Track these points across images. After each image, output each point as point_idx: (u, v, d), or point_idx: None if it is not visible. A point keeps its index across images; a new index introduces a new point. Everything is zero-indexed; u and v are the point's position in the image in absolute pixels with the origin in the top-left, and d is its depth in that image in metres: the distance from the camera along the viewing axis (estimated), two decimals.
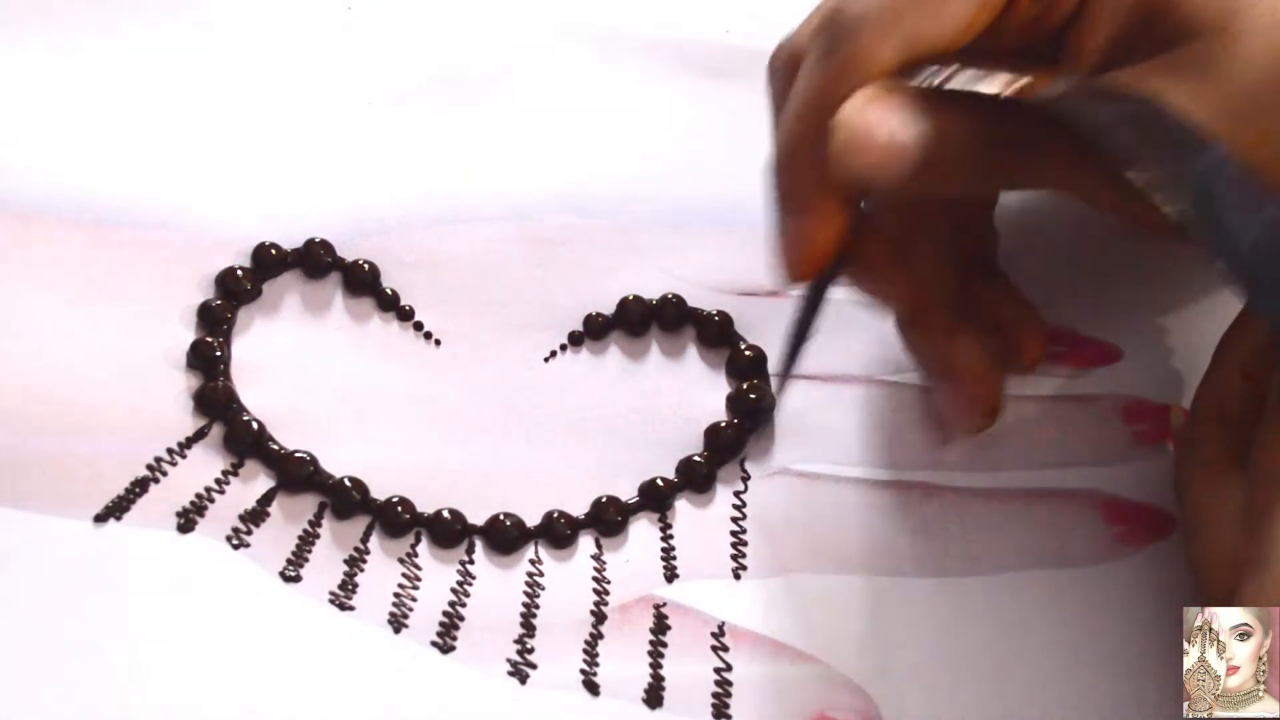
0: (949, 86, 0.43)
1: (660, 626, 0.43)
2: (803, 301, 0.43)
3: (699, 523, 0.45)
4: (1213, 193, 0.36)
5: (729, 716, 0.42)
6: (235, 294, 0.48)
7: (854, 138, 0.38)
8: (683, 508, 0.46)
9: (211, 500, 0.45)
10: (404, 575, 0.44)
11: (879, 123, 0.38)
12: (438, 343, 0.48)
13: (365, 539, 0.45)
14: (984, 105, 0.40)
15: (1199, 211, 0.36)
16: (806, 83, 0.40)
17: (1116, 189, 0.37)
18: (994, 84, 0.45)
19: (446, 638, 0.43)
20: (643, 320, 0.49)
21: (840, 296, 0.49)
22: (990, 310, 0.44)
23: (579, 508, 0.45)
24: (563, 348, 0.48)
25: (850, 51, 0.39)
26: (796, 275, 0.42)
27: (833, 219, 0.41)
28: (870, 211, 0.42)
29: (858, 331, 0.48)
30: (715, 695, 0.42)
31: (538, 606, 0.44)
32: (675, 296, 0.49)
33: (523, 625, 0.43)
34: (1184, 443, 0.43)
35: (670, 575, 0.44)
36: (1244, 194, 0.36)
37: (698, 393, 0.48)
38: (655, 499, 0.46)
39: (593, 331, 0.48)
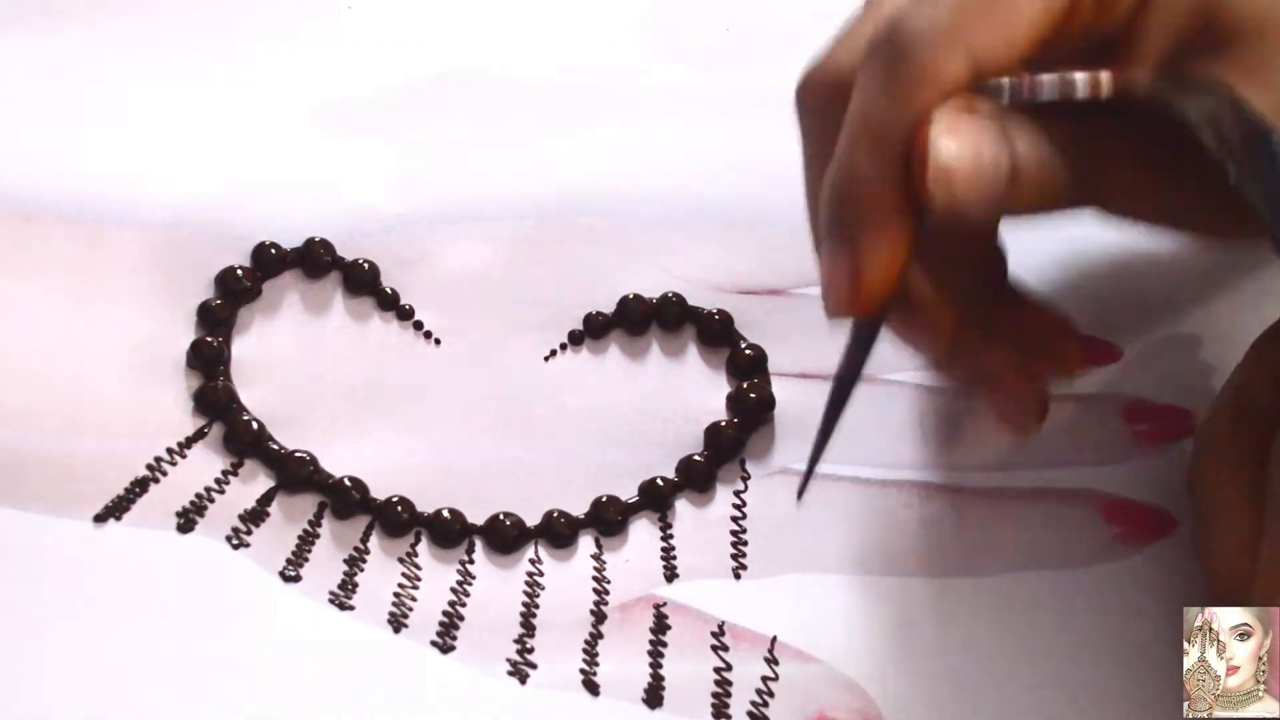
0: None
1: (660, 626, 0.43)
2: (852, 346, 0.40)
3: (699, 522, 0.45)
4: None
5: (729, 716, 0.42)
6: (235, 293, 0.48)
7: (954, 161, 0.36)
8: (683, 507, 0.46)
9: (211, 500, 0.45)
10: (404, 575, 0.44)
11: (975, 144, 0.36)
12: (437, 342, 0.48)
13: (365, 539, 0.45)
14: (1063, 119, 0.38)
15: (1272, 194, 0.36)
16: (867, 104, 0.37)
17: (1189, 194, 0.37)
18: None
19: (446, 637, 0.43)
20: (643, 319, 0.49)
21: None
22: (1020, 327, 0.43)
23: (579, 507, 0.45)
24: (563, 347, 0.48)
25: (916, 68, 0.37)
26: (853, 309, 0.38)
27: (899, 248, 0.37)
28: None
29: None
30: (715, 695, 0.42)
31: (537, 606, 0.44)
32: (675, 295, 0.49)
33: (522, 625, 0.43)
34: (1203, 435, 0.43)
35: (670, 575, 0.44)
36: None
37: (698, 392, 0.48)
38: (655, 498, 0.46)
39: (593, 330, 0.48)
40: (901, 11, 0.37)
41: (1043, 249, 0.48)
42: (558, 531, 0.45)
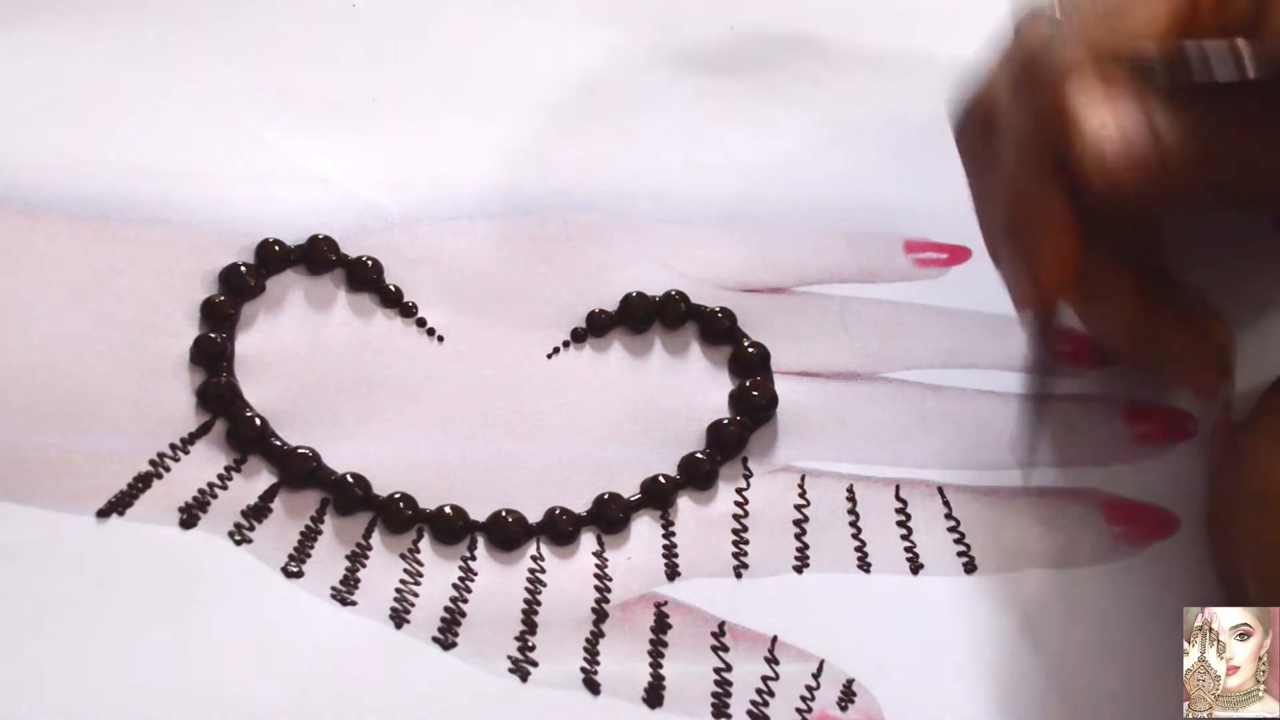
0: None
1: (661, 625, 0.43)
2: (1037, 337, 0.43)
3: (701, 520, 0.45)
4: None
5: (729, 716, 0.42)
6: (239, 290, 0.48)
7: (1105, 142, 0.39)
8: (685, 505, 0.46)
9: (214, 496, 0.45)
10: (406, 571, 0.44)
11: (1120, 122, 0.39)
12: (440, 339, 0.48)
13: (367, 535, 0.45)
14: (1206, 97, 0.40)
15: None
16: (1010, 113, 0.41)
17: None
18: None
19: (448, 634, 0.43)
20: (646, 317, 0.49)
21: (840, 293, 0.49)
22: (1180, 316, 0.44)
23: (581, 504, 0.45)
24: (565, 344, 0.48)
25: (1044, 69, 0.40)
26: (1036, 305, 0.42)
27: (1067, 244, 0.41)
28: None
29: (861, 329, 0.48)
30: (715, 695, 0.42)
31: (539, 603, 0.44)
32: (678, 293, 0.49)
33: (524, 622, 0.43)
34: (1251, 422, 0.43)
35: (672, 573, 0.44)
36: None
37: (700, 389, 0.48)
38: (657, 496, 0.46)
39: (595, 328, 0.48)
40: (1038, 42, 0.40)
41: None
42: (559, 529, 0.45)
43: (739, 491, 0.46)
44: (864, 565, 0.45)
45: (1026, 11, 0.43)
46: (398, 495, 0.45)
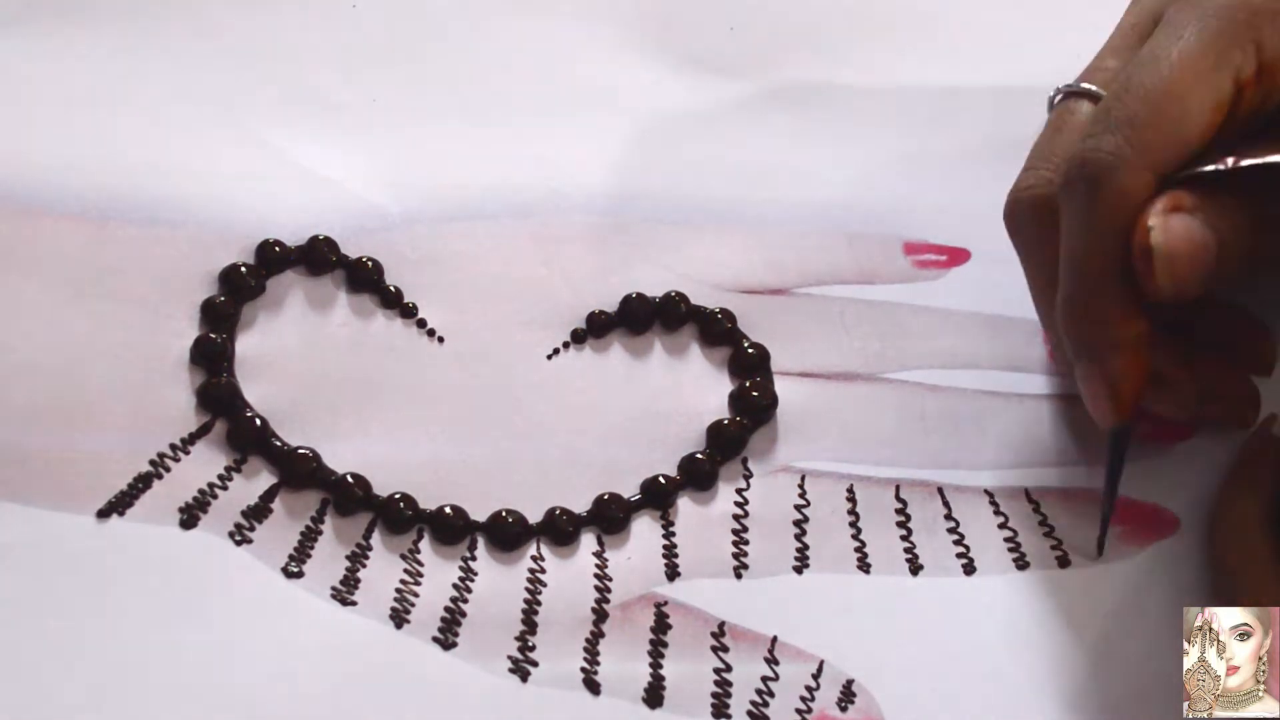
0: None
1: (661, 625, 0.43)
2: (1114, 440, 0.44)
3: (701, 520, 0.45)
4: None
5: (729, 716, 0.42)
6: (239, 290, 0.48)
7: (1172, 255, 0.40)
8: (685, 505, 0.46)
9: (214, 496, 0.45)
10: (406, 571, 0.44)
11: (1189, 237, 0.41)
12: (440, 340, 0.48)
13: (367, 535, 0.45)
14: (1257, 189, 0.41)
15: None
16: (1078, 235, 0.42)
17: None
18: None
19: (448, 634, 0.43)
20: (645, 318, 0.49)
21: (839, 294, 0.49)
22: (1223, 332, 0.46)
23: (581, 505, 0.45)
24: (565, 345, 0.48)
25: (1111, 195, 0.41)
26: (1119, 418, 0.43)
27: (1142, 355, 0.42)
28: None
29: (861, 330, 0.48)
30: (715, 695, 0.42)
31: (539, 604, 0.44)
32: (678, 294, 0.49)
33: (524, 622, 0.43)
34: None
35: (672, 573, 0.44)
36: None
37: (700, 390, 0.48)
38: (657, 496, 0.46)
39: (595, 329, 0.48)
40: (1086, 145, 0.41)
41: None
42: (560, 529, 0.45)
43: (739, 492, 0.46)
44: (864, 566, 0.45)
45: (1068, 97, 0.44)
46: (398, 495, 0.45)
